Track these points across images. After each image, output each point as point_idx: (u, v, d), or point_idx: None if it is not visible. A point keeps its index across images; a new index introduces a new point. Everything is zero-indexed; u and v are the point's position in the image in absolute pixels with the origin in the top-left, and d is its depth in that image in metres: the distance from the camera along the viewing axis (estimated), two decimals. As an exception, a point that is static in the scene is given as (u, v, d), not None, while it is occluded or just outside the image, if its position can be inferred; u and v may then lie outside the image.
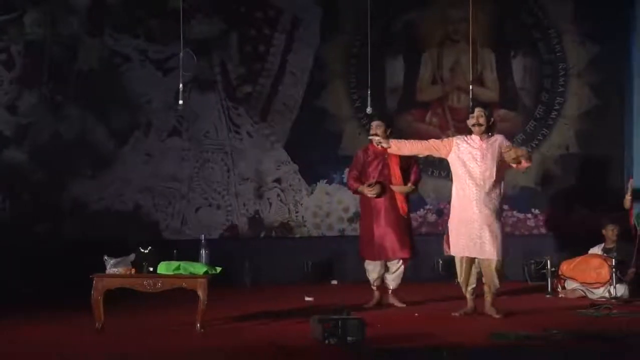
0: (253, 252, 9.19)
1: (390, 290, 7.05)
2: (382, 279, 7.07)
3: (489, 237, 6.15)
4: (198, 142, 9.52)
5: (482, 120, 6.23)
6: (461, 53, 9.35)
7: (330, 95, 9.56)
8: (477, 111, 6.26)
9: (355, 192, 7.21)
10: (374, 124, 7.04)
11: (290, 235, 9.52)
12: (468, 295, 6.40)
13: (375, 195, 6.98)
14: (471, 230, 6.19)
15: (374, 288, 7.09)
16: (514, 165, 6.27)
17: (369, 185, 6.97)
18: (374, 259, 7.03)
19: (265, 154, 9.56)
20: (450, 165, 6.36)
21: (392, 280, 7.02)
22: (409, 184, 6.91)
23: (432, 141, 6.40)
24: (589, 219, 8.78)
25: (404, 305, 6.96)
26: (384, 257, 6.98)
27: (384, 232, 6.93)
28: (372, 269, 7.05)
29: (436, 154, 6.39)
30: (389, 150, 6.44)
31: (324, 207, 9.54)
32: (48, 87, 9.23)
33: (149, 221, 9.35)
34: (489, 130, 6.28)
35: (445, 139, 6.45)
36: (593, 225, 8.29)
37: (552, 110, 9.39)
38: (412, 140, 6.57)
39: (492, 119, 6.33)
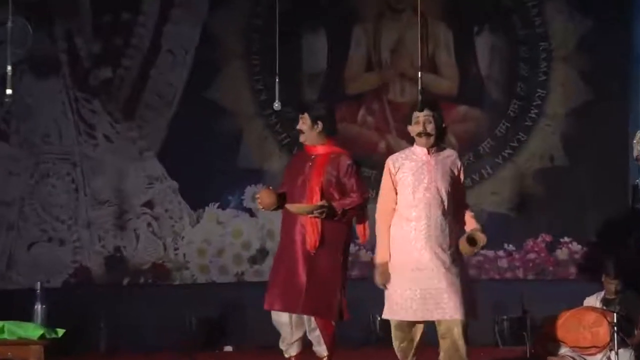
0: (112, 306, 9.10)
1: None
2: (300, 342, 6.95)
3: (447, 288, 6.04)
4: (33, 149, 9.49)
5: (430, 128, 6.15)
6: (407, 28, 9.40)
7: (225, 83, 9.57)
8: (424, 116, 6.17)
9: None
10: (300, 116, 6.95)
11: (166, 281, 9.48)
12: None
13: (265, 208, 6.91)
14: (420, 281, 6.09)
15: (285, 354, 6.99)
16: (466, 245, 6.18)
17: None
18: (268, 307, 6.92)
19: (130, 166, 9.54)
20: None
21: (315, 346, 6.92)
22: (323, 201, 6.70)
23: (392, 206, 6.28)
24: (582, 257, 8.89)
25: None
26: (276, 307, 6.86)
27: (284, 273, 6.86)
28: (278, 322, 6.95)
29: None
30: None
31: (214, 241, 9.53)
32: None
33: (-43, 263, 9.33)
34: (439, 139, 6.27)
35: (385, 179, 6.30)
36: (588, 266, 8.46)
37: (531, 107, 9.45)
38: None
39: (444, 124, 6.31)
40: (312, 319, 6.78)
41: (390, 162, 6.26)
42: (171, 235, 9.50)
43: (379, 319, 8.64)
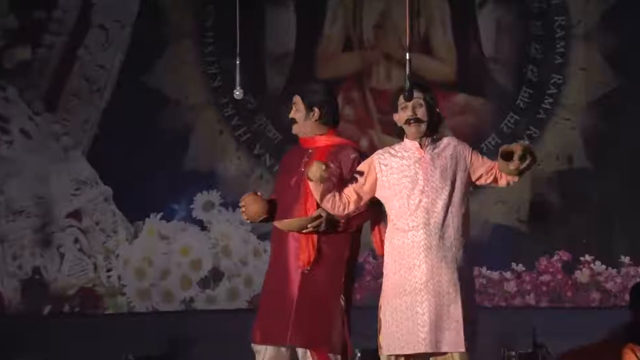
0: (30, 340, 9.12)
1: None
2: None
3: (450, 313, 6.03)
4: None
5: (421, 113, 6.09)
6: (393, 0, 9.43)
7: (170, 66, 9.62)
8: (414, 99, 6.10)
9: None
10: (293, 102, 6.91)
11: (96, 310, 9.51)
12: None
13: (250, 219, 6.82)
14: (420, 303, 6.06)
15: None
16: (497, 180, 6.15)
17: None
18: (253, 340, 6.80)
19: (53, 168, 9.60)
20: (380, 198, 6.32)
21: None
22: (319, 210, 6.54)
23: (345, 192, 6.30)
24: (607, 280, 8.90)
25: None
26: (258, 338, 6.73)
27: (271, 296, 6.75)
28: (254, 351, 6.80)
29: (363, 200, 6.30)
30: None
31: (157, 261, 9.53)
32: None
33: None
34: (433, 129, 6.20)
35: (362, 166, 6.30)
36: (614, 291, 8.70)
37: (545, 96, 9.43)
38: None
39: (438, 111, 6.27)
40: (308, 353, 6.61)
41: (376, 159, 6.18)
42: (103, 253, 9.51)
43: (358, 355, 8.52)
